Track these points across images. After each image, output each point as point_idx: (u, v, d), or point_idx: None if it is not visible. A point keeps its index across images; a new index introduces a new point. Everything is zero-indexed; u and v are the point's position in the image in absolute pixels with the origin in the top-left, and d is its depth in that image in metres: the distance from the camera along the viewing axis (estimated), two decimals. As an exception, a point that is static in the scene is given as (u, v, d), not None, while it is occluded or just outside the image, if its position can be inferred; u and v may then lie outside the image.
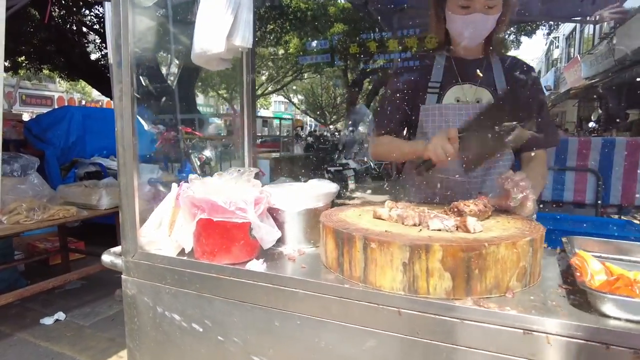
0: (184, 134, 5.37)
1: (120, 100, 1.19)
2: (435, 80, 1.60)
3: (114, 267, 1.30)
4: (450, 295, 0.98)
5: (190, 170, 5.00)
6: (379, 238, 1.01)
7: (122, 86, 1.18)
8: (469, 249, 0.97)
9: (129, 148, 1.20)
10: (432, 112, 1.57)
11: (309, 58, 12.28)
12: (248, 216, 1.14)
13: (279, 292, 1.04)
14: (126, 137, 1.19)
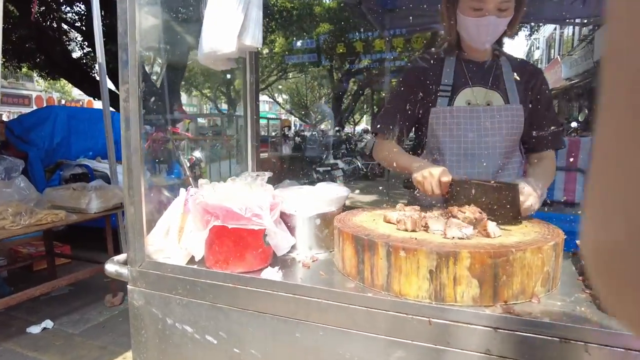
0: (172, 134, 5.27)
1: (126, 101, 1.13)
2: (446, 82, 1.58)
3: (119, 277, 1.24)
4: (477, 302, 0.96)
5: (179, 172, 4.90)
6: (404, 245, 0.98)
7: (128, 87, 1.12)
8: (496, 255, 0.95)
9: (136, 152, 1.14)
10: (443, 115, 1.55)
11: (295, 57, 12.22)
12: (264, 222, 1.09)
13: (300, 302, 1.00)
14: (133, 141, 1.14)
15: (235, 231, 1.10)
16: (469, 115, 1.53)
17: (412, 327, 0.91)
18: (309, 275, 1.15)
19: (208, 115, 19.13)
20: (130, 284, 1.21)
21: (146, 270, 1.18)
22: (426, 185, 1.35)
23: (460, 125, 1.54)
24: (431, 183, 1.34)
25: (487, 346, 0.86)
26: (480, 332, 0.87)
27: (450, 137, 1.55)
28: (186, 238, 1.22)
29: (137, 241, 1.18)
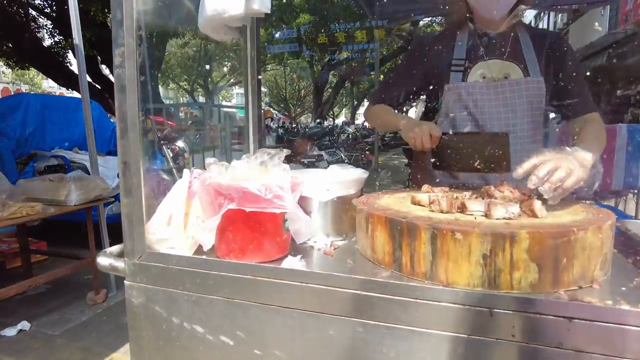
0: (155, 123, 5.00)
1: (121, 67, 0.96)
2: (459, 57, 1.47)
3: (115, 272, 1.08)
4: (536, 289, 0.84)
5: (162, 162, 4.66)
6: (452, 227, 0.86)
7: (123, 50, 0.96)
8: (558, 236, 0.84)
9: (134, 127, 0.98)
10: (457, 92, 1.44)
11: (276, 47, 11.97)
12: (286, 205, 0.95)
13: (334, 294, 0.87)
14: (130, 114, 0.97)
15: (253, 215, 0.96)
16: (485, 91, 1.42)
17: (470, 319, 0.79)
18: (334, 264, 1.02)
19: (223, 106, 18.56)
20: (127, 279, 1.06)
21: (147, 262, 1.03)
22: (417, 140, 1.33)
23: (477, 102, 1.43)
24: (422, 137, 1.32)
25: (560, 339, 0.75)
26: (551, 322, 0.75)
27: (467, 114, 1.44)
28: (192, 225, 1.07)
29: (136, 230, 1.02)
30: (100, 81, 8.56)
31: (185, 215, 1.07)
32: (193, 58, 18.02)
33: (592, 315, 0.74)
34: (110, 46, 0.97)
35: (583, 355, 0.75)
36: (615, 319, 0.73)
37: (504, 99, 1.39)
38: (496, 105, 1.40)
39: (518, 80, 1.39)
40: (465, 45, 1.46)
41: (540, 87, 1.39)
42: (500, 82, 1.42)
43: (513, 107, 1.39)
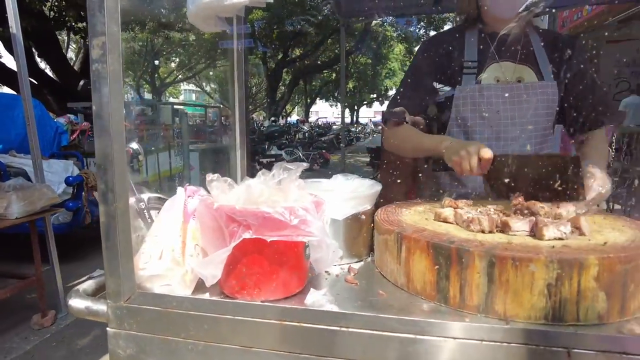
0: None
1: (101, 62, 0.76)
2: (471, 59, 1.37)
3: (94, 317, 0.87)
4: (603, 319, 0.76)
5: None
6: (513, 254, 0.75)
7: (104, 40, 0.76)
8: (626, 260, 0.75)
9: (119, 136, 0.79)
10: (471, 94, 1.35)
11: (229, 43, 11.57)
12: (313, 231, 0.80)
13: (384, 340, 0.73)
14: (115, 121, 0.78)
15: (272, 244, 0.79)
16: (500, 94, 1.34)
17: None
18: (364, 296, 0.88)
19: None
20: (111, 325, 0.86)
21: (138, 305, 0.83)
22: (464, 165, 1.14)
23: (491, 106, 1.35)
24: (469, 162, 1.13)
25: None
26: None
27: (481, 118, 1.35)
28: (190, 256, 0.89)
29: (123, 266, 0.82)
30: (36, 76, 7.81)
31: (182, 244, 0.89)
32: (139, 53, 17.09)
33: (687, 354, 0.65)
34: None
35: (671, 398, 0.66)
36: None
37: (519, 102, 1.32)
38: (511, 110, 1.32)
39: (533, 84, 1.32)
40: (476, 46, 1.37)
41: (554, 92, 1.33)
42: (515, 85, 1.35)
43: (528, 112, 1.32)
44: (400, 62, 27.15)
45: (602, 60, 7.86)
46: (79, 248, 4.46)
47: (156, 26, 12.57)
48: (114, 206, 0.79)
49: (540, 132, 1.36)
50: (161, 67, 22.20)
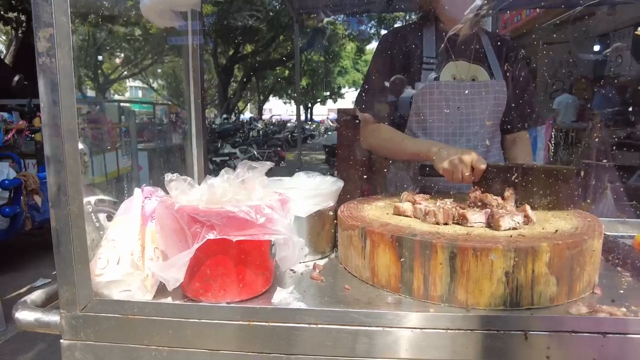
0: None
1: (49, 56, 0.71)
2: (430, 55, 1.42)
3: (44, 329, 0.81)
4: (554, 302, 0.81)
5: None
6: (473, 245, 0.78)
7: (52, 32, 0.71)
8: (573, 246, 0.81)
9: (72, 137, 0.74)
10: (430, 91, 1.39)
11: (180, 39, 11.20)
12: (280, 229, 0.79)
13: (358, 335, 0.74)
14: (66, 119, 0.73)
15: (236, 245, 0.78)
16: (457, 91, 1.40)
17: (503, 344, 0.72)
18: (329, 292, 0.89)
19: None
20: (65, 336, 0.81)
21: (96, 314, 0.79)
22: (456, 174, 1.15)
23: (448, 102, 1.40)
24: (463, 172, 1.14)
25: (595, 356, 0.71)
26: (587, 340, 0.71)
27: (438, 114, 1.40)
28: (150, 259, 0.85)
29: (78, 273, 0.77)
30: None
31: (142, 248, 0.85)
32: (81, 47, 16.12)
33: (627, 329, 0.71)
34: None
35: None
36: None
37: (473, 100, 1.38)
38: (466, 107, 1.38)
39: (486, 83, 1.39)
40: (434, 43, 1.41)
41: (503, 91, 1.40)
42: (470, 83, 1.40)
43: (481, 109, 1.38)
44: (352, 60, 27.48)
45: (539, 60, 8.36)
46: (17, 257, 4.15)
47: (99, 19, 11.93)
48: (67, 210, 0.74)
49: (490, 128, 1.43)
50: (105, 63, 21.10)
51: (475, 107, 1.38)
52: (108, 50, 18.65)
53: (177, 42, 1.51)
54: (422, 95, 1.39)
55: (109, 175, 5.04)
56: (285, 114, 40.85)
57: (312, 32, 12.83)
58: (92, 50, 15.74)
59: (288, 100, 33.99)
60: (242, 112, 32.36)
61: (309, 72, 23.11)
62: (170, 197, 0.86)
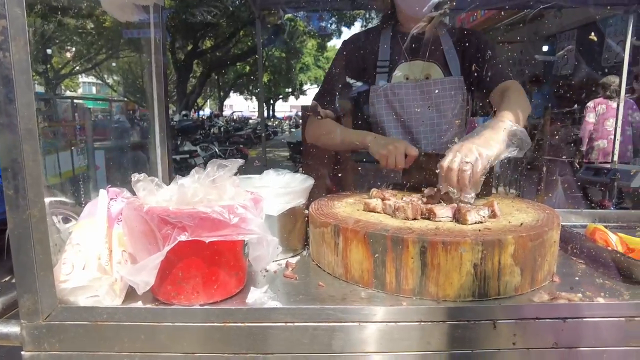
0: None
1: (2, 50, 0.67)
2: (384, 58, 1.45)
3: (4, 342, 0.77)
4: (518, 291, 0.86)
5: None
6: (443, 239, 0.81)
7: (5, 24, 0.67)
8: (535, 238, 0.85)
9: (32, 137, 0.70)
10: (383, 93, 1.43)
11: (134, 32, 10.76)
12: (254, 229, 0.79)
13: (330, 330, 0.75)
14: (24, 118, 0.69)
15: (209, 246, 0.77)
16: (410, 92, 1.44)
17: (474, 335, 0.75)
18: (303, 289, 0.89)
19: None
20: (27, 348, 0.76)
21: (61, 322, 0.75)
22: (390, 159, 1.23)
23: (402, 102, 1.44)
24: (396, 157, 1.22)
25: (556, 339, 0.76)
26: (549, 325, 0.75)
27: (394, 115, 1.44)
28: (118, 263, 0.82)
29: (40, 280, 0.73)
30: None
31: (109, 251, 0.82)
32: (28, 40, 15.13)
33: (583, 313, 0.76)
34: None
35: (575, 351, 0.77)
36: (602, 312, 0.76)
37: (429, 98, 1.42)
38: (421, 105, 1.42)
39: (442, 80, 1.42)
40: (389, 46, 1.45)
41: (460, 86, 1.44)
42: (424, 82, 1.44)
43: (437, 107, 1.42)
44: (313, 57, 27.50)
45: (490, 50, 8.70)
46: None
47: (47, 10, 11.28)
48: (28, 214, 0.70)
49: (449, 125, 1.47)
50: (54, 57, 19.98)
51: (433, 105, 1.42)
52: (57, 43, 17.67)
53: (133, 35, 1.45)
54: (376, 97, 1.43)
55: (64, 175, 4.80)
56: (247, 111, 40.33)
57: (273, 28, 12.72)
58: (40, 43, 14.87)
59: (249, 97, 33.56)
60: (202, 108, 31.65)
61: (271, 68, 22.91)
62: (138, 198, 0.83)
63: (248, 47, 18.54)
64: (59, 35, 16.89)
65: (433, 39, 1.47)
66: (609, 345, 0.77)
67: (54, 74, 20.03)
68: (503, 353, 0.77)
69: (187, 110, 17.10)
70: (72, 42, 19.01)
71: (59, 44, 17.96)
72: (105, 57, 20.79)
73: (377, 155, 1.26)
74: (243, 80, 26.64)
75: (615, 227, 1.27)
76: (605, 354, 0.76)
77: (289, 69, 25.43)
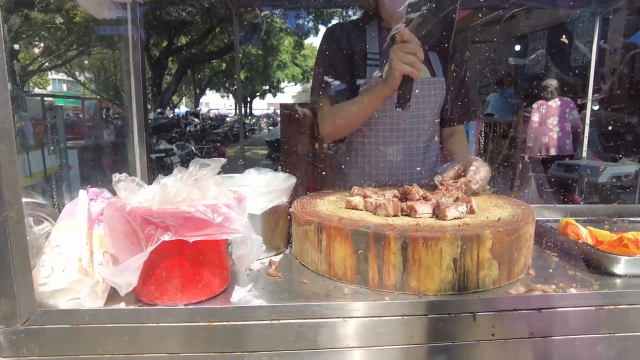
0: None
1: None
2: (374, 51, 1.46)
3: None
4: (496, 284, 0.88)
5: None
6: (424, 235, 0.83)
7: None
8: (512, 232, 0.88)
9: (7, 136, 0.68)
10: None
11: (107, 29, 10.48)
12: (238, 227, 0.79)
13: (315, 327, 0.76)
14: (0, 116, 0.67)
15: (193, 245, 0.76)
16: None
17: (453, 326, 0.77)
18: (287, 287, 0.90)
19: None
20: (4, 354, 0.75)
21: (41, 326, 0.74)
22: (406, 66, 1.17)
23: (392, 98, 1.45)
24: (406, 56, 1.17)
25: (532, 330, 0.79)
26: (525, 316, 0.79)
27: (383, 110, 1.45)
28: (99, 264, 0.81)
29: (18, 283, 0.72)
30: None
31: (90, 253, 0.81)
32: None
33: (557, 304, 0.80)
34: None
35: (549, 340, 0.81)
36: (574, 302, 0.80)
37: (415, 96, 1.44)
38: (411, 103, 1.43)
39: (428, 80, 1.45)
40: (377, 40, 1.45)
41: (443, 88, 1.48)
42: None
43: (423, 105, 1.45)
44: (290, 55, 27.38)
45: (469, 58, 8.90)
46: None
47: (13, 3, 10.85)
48: (4, 215, 0.69)
49: (431, 124, 1.51)
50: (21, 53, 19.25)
51: (419, 103, 1.44)
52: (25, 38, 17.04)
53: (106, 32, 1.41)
54: (365, 90, 1.43)
55: (35, 175, 4.64)
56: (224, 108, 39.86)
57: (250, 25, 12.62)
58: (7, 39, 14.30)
59: (226, 94, 33.18)
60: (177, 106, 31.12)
61: (247, 66, 22.70)
62: (119, 198, 0.82)
63: (224, 44, 18.31)
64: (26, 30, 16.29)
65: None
66: (580, 333, 0.81)
67: (21, 70, 19.31)
68: (483, 344, 0.79)
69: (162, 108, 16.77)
70: (40, 38, 18.37)
71: (26, 39, 17.33)
72: (77, 54, 20.17)
73: (398, 77, 1.19)
74: (219, 77, 26.31)
75: (586, 221, 1.32)
76: (577, 342, 0.80)
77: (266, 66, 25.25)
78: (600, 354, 0.83)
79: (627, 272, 0.91)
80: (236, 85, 7.53)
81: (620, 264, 0.92)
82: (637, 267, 0.92)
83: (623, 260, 0.92)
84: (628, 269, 0.92)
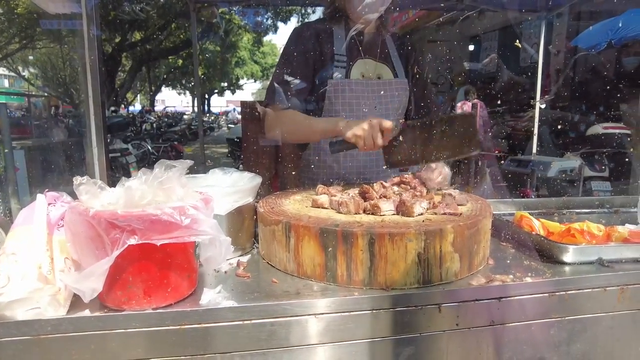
0: None
1: None
2: (341, 52, 1.48)
3: None
4: (458, 276, 0.93)
5: None
6: (389, 231, 0.86)
7: None
8: (471, 226, 0.93)
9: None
10: (341, 88, 1.45)
11: (54, 23, 9.91)
12: (207, 229, 0.78)
13: (291, 325, 0.76)
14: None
15: (160, 249, 0.75)
16: (365, 89, 1.48)
17: (419, 319, 0.81)
18: (257, 287, 0.90)
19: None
20: (-44, 369, 0.70)
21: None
22: (367, 140, 1.19)
23: (358, 99, 1.48)
24: (372, 135, 1.18)
25: (492, 318, 0.84)
26: (486, 305, 0.83)
27: (350, 111, 1.48)
28: (60, 271, 0.78)
29: (-29, 294, 0.68)
30: None
31: (50, 260, 0.77)
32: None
33: (515, 292, 0.85)
34: None
35: (508, 327, 0.86)
36: (530, 290, 0.86)
37: (379, 97, 1.47)
38: (372, 104, 1.46)
39: (390, 81, 1.49)
40: (344, 41, 1.47)
41: (405, 89, 1.52)
42: (376, 82, 1.49)
43: (386, 106, 1.48)
44: (249, 52, 27.02)
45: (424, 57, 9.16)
46: None
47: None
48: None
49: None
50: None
51: (382, 104, 1.48)
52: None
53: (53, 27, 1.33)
54: (334, 92, 1.44)
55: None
56: (180, 106, 38.79)
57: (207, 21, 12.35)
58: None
59: (182, 91, 32.30)
60: (132, 104, 29.97)
61: (205, 62, 22.21)
62: (81, 202, 0.79)
63: (180, 40, 17.81)
64: (-40, 22, 15.12)
65: (381, 40, 1.53)
66: (535, 319, 0.87)
67: (-44, 65, 17.90)
68: (448, 334, 0.83)
69: (116, 106, 16.10)
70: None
71: (-39, 31, 16.08)
72: (19, 47, 18.95)
73: (354, 138, 1.21)
74: (175, 74, 25.57)
75: (539, 213, 1.40)
76: (532, 326, 0.86)
77: (224, 63, 24.80)
78: (553, 336, 0.89)
79: (575, 260, 0.98)
80: (194, 82, 7.31)
81: (569, 253, 0.99)
82: (584, 255, 1.00)
83: (571, 249, 0.99)
84: (576, 257, 0.99)
